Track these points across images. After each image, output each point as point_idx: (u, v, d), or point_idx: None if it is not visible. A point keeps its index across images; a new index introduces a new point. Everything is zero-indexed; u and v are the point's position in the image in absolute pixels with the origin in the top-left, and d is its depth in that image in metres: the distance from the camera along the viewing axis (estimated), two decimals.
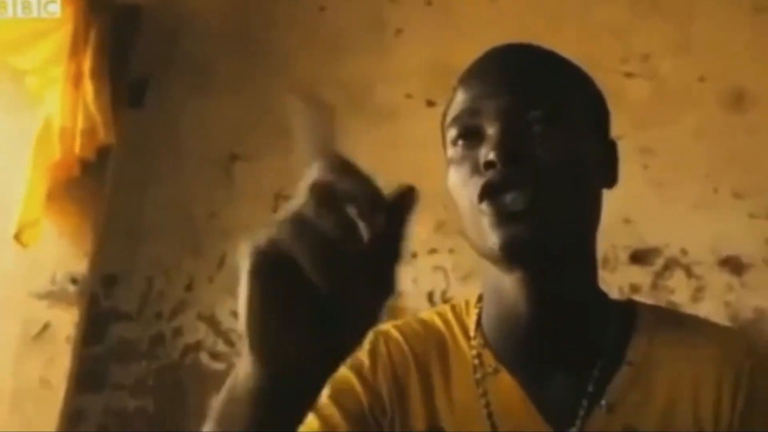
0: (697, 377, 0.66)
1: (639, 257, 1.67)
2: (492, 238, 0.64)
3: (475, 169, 0.66)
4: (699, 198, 1.67)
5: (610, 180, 0.72)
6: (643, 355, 0.68)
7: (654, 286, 1.64)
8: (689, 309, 1.56)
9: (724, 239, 1.63)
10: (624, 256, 1.67)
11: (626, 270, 1.66)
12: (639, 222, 1.68)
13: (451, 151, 0.69)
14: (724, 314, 1.57)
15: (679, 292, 1.63)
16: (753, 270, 1.61)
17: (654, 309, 0.75)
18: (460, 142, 0.68)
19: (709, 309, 1.57)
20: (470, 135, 0.67)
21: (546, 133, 0.65)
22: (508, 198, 0.63)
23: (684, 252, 1.65)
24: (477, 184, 0.65)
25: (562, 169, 0.65)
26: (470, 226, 0.66)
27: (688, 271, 1.64)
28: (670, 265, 1.65)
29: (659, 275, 1.65)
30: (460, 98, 0.69)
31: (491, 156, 0.63)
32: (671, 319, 0.74)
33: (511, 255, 0.64)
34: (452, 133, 0.69)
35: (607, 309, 0.72)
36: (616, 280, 1.62)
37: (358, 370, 0.71)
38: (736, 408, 0.64)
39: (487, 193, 0.64)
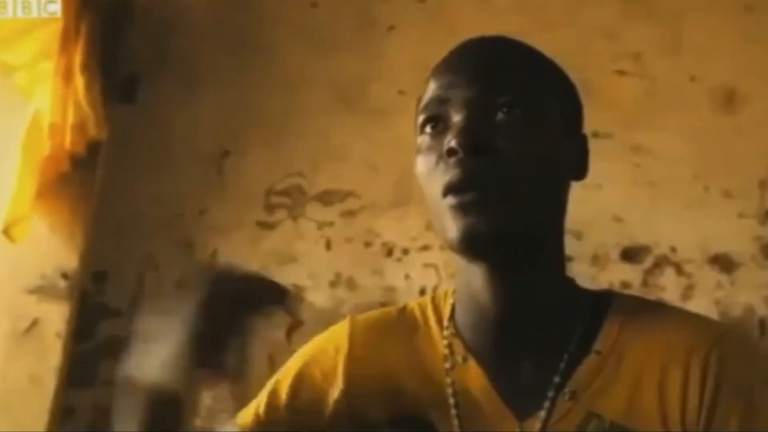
0: (665, 362, 0.66)
1: (629, 255, 1.68)
2: (452, 230, 0.64)
3: (440, 158, 0.66)
4: (689, 197, 1.68)
5: (579, 172, 0.72)
6: (612, 344, 0.68)
7: (644, 284, 1.65)
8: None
9: (714, 238, 1.64)
10: (614, 253, 1.68)
11: (617, 267, 1.67)
12: (629, 220, 1.69)
13: (419, 139, 0.70)
14: (714, 312, 1.58)
15: (669, 290, 1.64)
16: (742, 268, 1.62)
17: (629, 298, 0.74)
18: (428, 130, 0.69)
19: (699, 306, 1.58)
20: (437, 123, 0.68)
21: (512, 122, 0.66)
22: (469, 192, 0.64)
23: (674, 250, 1.66)
24: (442, 175, 0.65)
25: (525, 160, 0.65)
26: (435, 216, 0.67)
27: (678, 269, 1.65)
28: (660, 263, 1.66)
29: (649, 273, 1.66)
30: (431, 88, 0.70)
31: (453, 143, 0.64)
32: (645, 307, 0.73)
33: (468, 247, 0.64)
34: (420, 120, 0.70)
35: (577, 299, 0.72)
36: (606, 278, 1.63)
37: (318, 359, 0.76)
38: (704, 394, 0.63)
39: (451, 190, 0.64)
